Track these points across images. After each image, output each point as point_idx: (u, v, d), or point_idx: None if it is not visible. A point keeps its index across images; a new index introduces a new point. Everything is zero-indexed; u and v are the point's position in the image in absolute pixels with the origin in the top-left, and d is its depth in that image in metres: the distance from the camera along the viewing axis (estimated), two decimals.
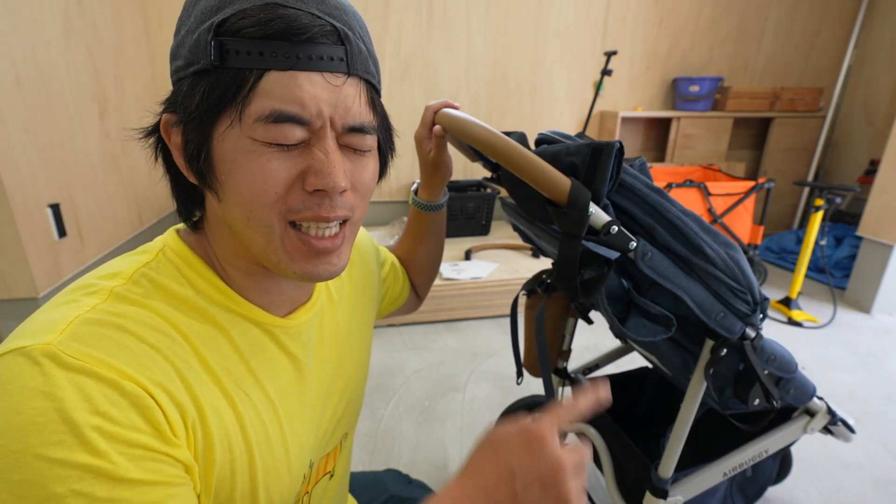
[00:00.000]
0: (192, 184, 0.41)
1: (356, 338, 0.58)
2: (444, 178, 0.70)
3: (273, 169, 0.37)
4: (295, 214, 0.38)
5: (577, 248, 0.58)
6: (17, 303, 1.53)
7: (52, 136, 1.64)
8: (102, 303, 0.36)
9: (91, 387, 0.31)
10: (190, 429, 0.36)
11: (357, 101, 0.39)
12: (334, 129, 0.38)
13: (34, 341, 0.32)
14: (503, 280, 2.12)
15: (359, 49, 0.38)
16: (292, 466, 0.45)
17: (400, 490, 0.78)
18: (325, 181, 0.37)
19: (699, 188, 2.29)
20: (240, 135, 0.36)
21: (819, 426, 0.94)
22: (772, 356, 0.75)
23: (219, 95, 0.35)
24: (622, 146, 0.59)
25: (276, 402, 0.44)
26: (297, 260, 0.40)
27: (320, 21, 0.36)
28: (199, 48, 0.35)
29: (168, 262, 0.41)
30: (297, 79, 0.35)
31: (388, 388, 1.65)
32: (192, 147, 0.38)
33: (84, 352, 0.32)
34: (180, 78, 0.37)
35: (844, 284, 2.43)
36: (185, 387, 0.36)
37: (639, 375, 1.22)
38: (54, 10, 1.66)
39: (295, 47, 0.35)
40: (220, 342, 0.41)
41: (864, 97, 3.07)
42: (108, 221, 1.99)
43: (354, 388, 0.58)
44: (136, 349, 0.34)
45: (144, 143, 0.42)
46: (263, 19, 0.34)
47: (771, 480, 1.05)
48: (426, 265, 0.77)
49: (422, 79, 2.74)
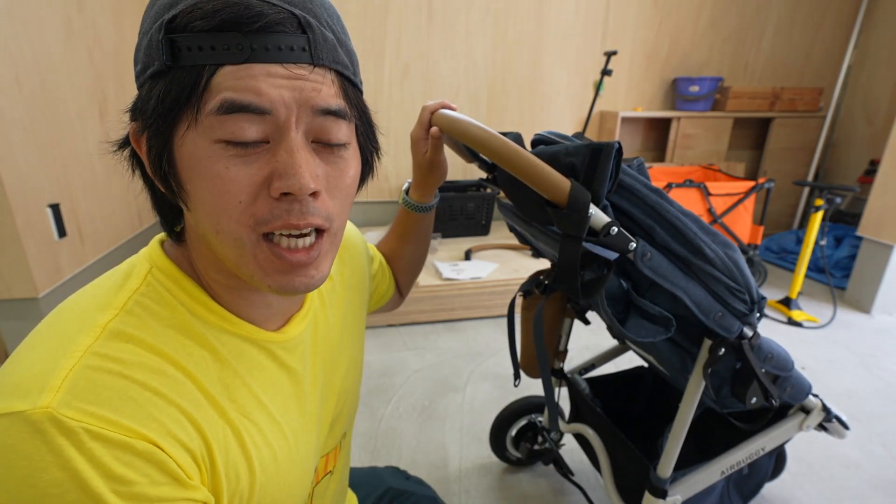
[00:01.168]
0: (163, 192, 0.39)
1: (350, 338, 0.58)
2: (438, 180, 0.69)
3: (232, 176, 0.34)
4: (265, 226, 0.35)
5: (577, 250, 0.58)
6: (17, 303, 1.53)
7: (52, 136, 1.64)
8: (96, 342, 0.33)
9: (101, 452, 0.30)
10: (202, 466, 0.35)
11: (325, 90, 0.35)
12: (300, 126, 0.35)
13: (30, 405, 0.30)
14: (503, 280, 2.12)
15: (324, 37, 0.35)
16: (301, 477, 0.46)
17: (398, 484, 0.79)
18: (289, 182, 0.34)
19: (699, 188, 2.29)
20: (197, 137, 0.34)
21: (814, 423, 0.95)
22: (769, 355, 0.75)
23: (174, 97, 0.33)
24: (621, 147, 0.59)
25: (280, 421, 0.43)
26: (270, 274, 0.37)
27: (275, 8, 0.33)
28: (152, 49, 0.33)
29: (159, 285, 0.39)
30: (253, 70, 0.33)
31: (388, 388, 1.65)
32: (153, 154, 0.36)
33: (87, 412, 0.30)
34: (141, 83, 0.35)
35: (844, 284, 2.43)
36: (195, 427, 0.35)
37: (635, 375, 1.23)
38: (54, 11, 1.66)
39: (248, 38, 0.32)
40: (218, 368, 0.39)
41: (864, 97, 3.07)
42: (108, 221, 1.99)
43: (350, 387, 0.58)
44: (139, 399, 0.33)
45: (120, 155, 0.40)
46: (212, 10, 0.32)
47: (767, 478, 1.06)
48: (411, 264, 0.76)
49: (421, 79, 2.74)
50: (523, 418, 1.25)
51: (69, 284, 1.70)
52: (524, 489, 1.25)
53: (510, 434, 1.26)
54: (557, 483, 1.27)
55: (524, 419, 1.25)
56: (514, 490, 1.25)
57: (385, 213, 2.91)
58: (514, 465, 1.31)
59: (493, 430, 1.26)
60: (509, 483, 1.27)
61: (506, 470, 1.31)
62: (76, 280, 1.74)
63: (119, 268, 0.41)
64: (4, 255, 1.47)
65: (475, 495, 1.23)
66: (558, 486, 1.26)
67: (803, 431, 0.95)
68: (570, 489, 1.25)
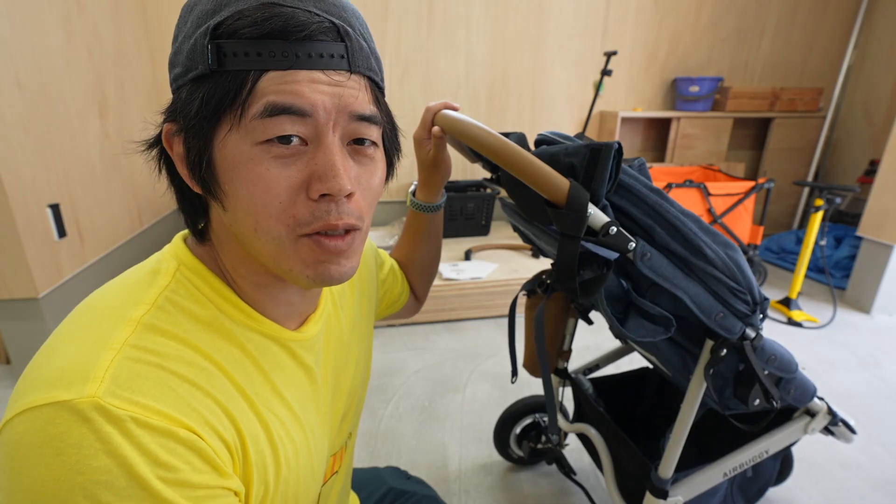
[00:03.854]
0: (197, 194, 0.40)
1: (359, 340, 0.59)
2: (442, 179, 0.70)
3: (273, 177, 0.36)
4: (305, 227, 0.37)
5: (575, 249, 0.58)
6: (17, 303, 1.53)
7: (52, 136, 1.64)
8: (133, 335, 0.35)
9: (147, 439, 0.31)
10: (235, 456, 0.37)
11: (361, 96, 0.38)
12: (338, 130, 0.37)
13: (76, 394, 0.30)
14: (503, 280, 2.12)
15: (360, 46, 0.37)
16: (315, 473, 0.47)
17: (399, 484, 0.80)
18: (329, 185, 0.36)
19: (699, 188, 2.29)
20: (239, 140, 0.35)
21: (820, 426, 0.94)
22: (772, 356, 0.75)
23: (218, 100, 0.35)
24: (621, 147, 0.59)
25: (300, 416, 0.45)
26: (310, 265, 0.39)
27: (318, 18, 0.35)
28: (196, 53, 0.35)
29: (187, 282, 0.40)
30: (298, 76, 0.35)
31: (388, 388, 1.65)
32: (193, 155, 0.37)
33: (132, 401, 0.31)
34: (179, 86, 0.37)
35: (844, 285, 2.43)
36: (229, 419, 0.37)
37: (639, 376, 1.22)
38: (54, 11, 1.66)
39: (293, 45, 0.34)
40: (246, 363, 0.41)
41: (864, 97, 3.07)
42: (107, 221, 1.99)
43: (358, 388, 0.59)
44: (179, 389, 0.34)
45: (147, 155, 0.41)
46: (260, 18, 0.33)
47: (772, 481, 1.05)
48: (424, 267, 0.77)
49: (421, 79, 2.74)
50: (528, 417, 1.26)
51: (69, 284, 1.70)
52: (524, 489, 1.25)
53: (514, 431, 1.26)
54: (558, 483, 1.27)
55: (529, 417, 1.26)
56: (515, 490, 1.25)
57: (385, 213, 2.91)
58: (516, 463, 1.31)
59: (498, 427, 1.26)
60: (509, 483, 1.27)
61: (506, 470, 1.31)
62: (76, 280, 1.74)
63: (144, 265, 0.42)
64: (4, 255, 1.47)
65: (475, 495, 1.23)
66: (558, 487, 1.26)
67: (808, 435, 0.94)
68: (570, 490, 1.25)
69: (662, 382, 1.21)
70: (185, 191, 0.41)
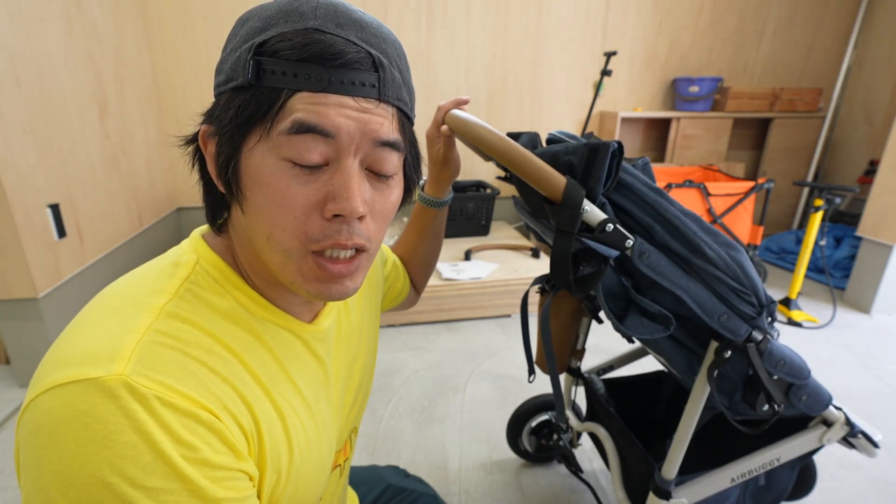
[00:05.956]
0: (221, 193, 0.42)
1: (366, 336, 0.61)
2: (451, 175, 0.72)
3: (292, 193, 0.37)
4: (315, 244, 0.39)
5: (568, 244, 0.59)
6: (17, 303, 1.53)
7: (52, 136, 1.64)
8: (156, 321, 0.36)
9: (171, 418, 0.32)
10: (251, 442, 0.38)
11: (387, 124, 0.39)
12: (359, 154, 0.38)
13: (104, 372, 0.32)
14: (503, 280, 2.12)
15: (392, 77, 0.39)
16: (325, 466, 0.48)
17: (397, 481, 0.81)
18: (342, 206, 0.37)
19: (699, 188, 2.29)
20: (266, 152, 0.37)
21: (836, 437, 0.88)
22: (781, 361, 0.73)
23: (251, 111, 0.36)
24: (621, 145, 0.59)
25: (313, 407, 0.46)
26: (311, 281, 0.40)
27: (356, 48, 0.37)
28: (238, 66, 0.37)
29: (206, 275, 0.42)
30: (328, 99, 0.36)
31: (388, 388, 1.65)
32: (222, 158, 0.39)
33: (157, 380, 0.33)
34: (221, 92, 0.39)
35: (844, 285, 2.44)
36: (246, 406, 0.38)
37: (655, 379, 1.21)
38: (54, 11, 1.66)
39: (328, 71, 0.36)
40: (262, 352, 0.42)
41: (864, 97, 3.07)
42: (107, 221, 1.99)
43: (365, 380, 0.61)
44: (200, 374, 0.36)
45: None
46: (300, 43, 0.35)
47: (787, 493, 0.98)
48: (426, 261, 0.80)
49: (422, 79, 2.74)
50: (544, 413, 1.26)
51: (69, 284, 1.70)
52: (524, 489, 1.25)
53: (530, 424, 1.27)
54: (558, 483, 1.27)
55: (545, 414, 1.26)
56: (514, 490, 1.25)
57: None
58: (521, 456, 1.32)
59: (512, 419, 1.27)
60: (509, 483, 1.27)
61: (506, 470, 1.31)
62: (76, 280, 1.74)
63: (164, 257, 0.43)
64: (4, 255, 1.47)
65: (475, 495, 1.23)
66: (559, 487, 1.26)
67: (826, 446, 0.88)
68: (570, 490, 1.25)
69: (678, 386, 1.19)
70: (212, 188, 0.43)
